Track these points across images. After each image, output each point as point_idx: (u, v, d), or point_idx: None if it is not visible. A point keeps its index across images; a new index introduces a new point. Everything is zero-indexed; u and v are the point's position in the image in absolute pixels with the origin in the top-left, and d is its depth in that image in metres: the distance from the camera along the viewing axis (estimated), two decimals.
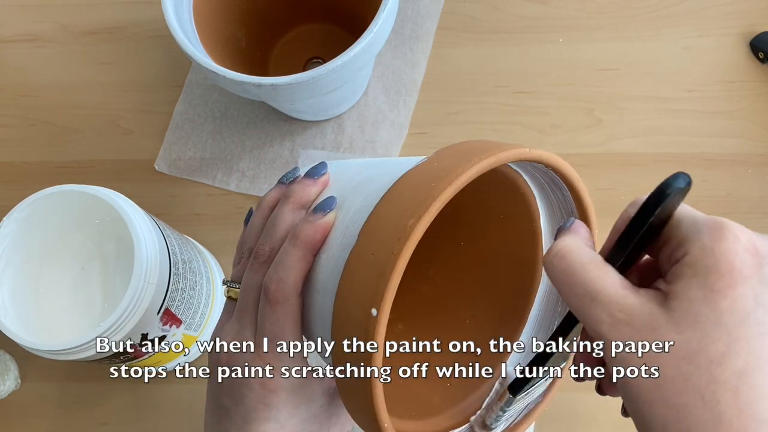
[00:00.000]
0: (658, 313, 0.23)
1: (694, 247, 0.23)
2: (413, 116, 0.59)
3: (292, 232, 0.31)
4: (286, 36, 0.61)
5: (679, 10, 0.60)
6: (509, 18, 0.61)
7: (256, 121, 0.60)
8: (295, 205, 0.33)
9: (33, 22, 0.65)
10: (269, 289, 0.30)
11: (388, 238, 0.26)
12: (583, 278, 0.24)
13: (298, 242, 0.30)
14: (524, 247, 0.36)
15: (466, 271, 0.39)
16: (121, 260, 0.49)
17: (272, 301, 0.30)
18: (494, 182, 0.35)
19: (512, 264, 0.37)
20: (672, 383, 0.22)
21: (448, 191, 0.25)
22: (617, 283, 0.24)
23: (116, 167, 0.60)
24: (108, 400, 0.54)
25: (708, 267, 0.22)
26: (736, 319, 0.21)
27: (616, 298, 0.23)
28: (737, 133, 0.57)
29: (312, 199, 0.33)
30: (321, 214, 0.31)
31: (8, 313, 0.43)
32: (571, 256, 0.25)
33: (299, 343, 0.30)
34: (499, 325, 0.37)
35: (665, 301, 0.23)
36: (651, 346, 0.22)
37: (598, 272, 0.24)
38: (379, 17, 0.45)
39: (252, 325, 0.32)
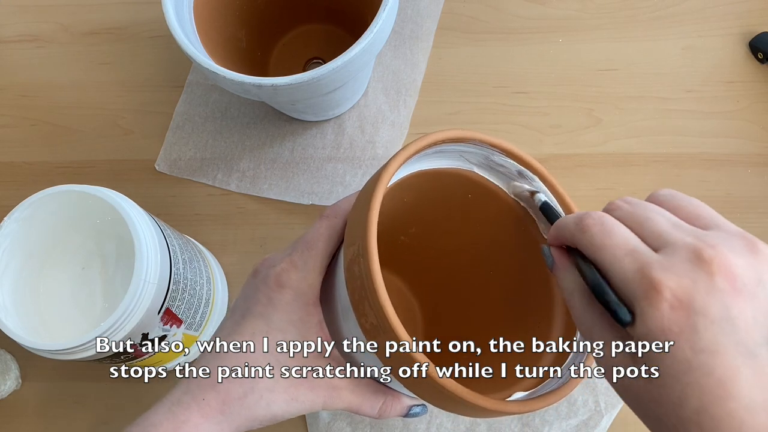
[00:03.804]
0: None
1: (635, 307, 0.25)
2: (413, 116, 0.59)
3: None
4: (286, 36, 0.61)
5: (679, 10, 0.60)
6: (509, 18, 0.61)
7: (257, 121, 0.60)
8: None
9: (33, 22, 0.65)
10: (325, 211, 0.35)
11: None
12: (584, 321, 0.27)
13: (351, 193, 0.36)
14: (532, 251, 0.37)
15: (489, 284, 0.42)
16: (122, 260, 0.49)
17: (323, 216, 0.35)
18: (489, 203, 0.37)
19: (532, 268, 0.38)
20: (654, 421, 0.25)
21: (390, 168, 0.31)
22: (608, 328, 0.26)
23: (116, 167, 0.60)
24: (108, 400, 0.54)
25: (648, 332, 0.24)
26: (681, 369, 0.24)
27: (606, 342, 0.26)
28: (737, 133, 0.57)
29: None
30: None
31: (9, 312, 0.43)
32: (573, 297, 0.28)
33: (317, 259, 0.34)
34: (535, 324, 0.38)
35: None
36: (651, 346, 0.23)
37: (592, 317, 0.27)
38: (379, 17, 0.45)
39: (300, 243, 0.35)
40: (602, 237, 0.27)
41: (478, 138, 0.34)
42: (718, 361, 0.23)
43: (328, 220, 0.35)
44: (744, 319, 0.24)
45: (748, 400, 0.23)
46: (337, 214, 0.35)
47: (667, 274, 0.24)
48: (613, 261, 0.26)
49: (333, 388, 0.33)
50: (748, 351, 0.23)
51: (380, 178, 0.31)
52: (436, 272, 0.45)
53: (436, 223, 0.41)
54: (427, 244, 0.43)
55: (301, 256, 0.34)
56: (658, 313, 0.24)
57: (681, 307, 0.24)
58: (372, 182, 0.32)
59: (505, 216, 0.38)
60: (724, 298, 0.24)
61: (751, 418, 0.23)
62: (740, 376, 0.23)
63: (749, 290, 0.24)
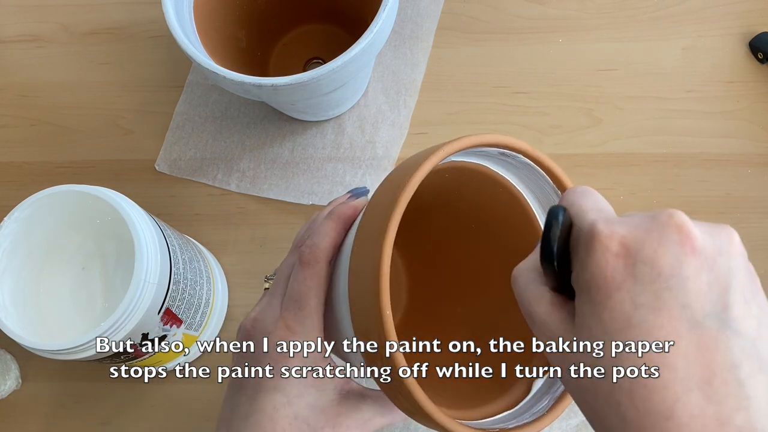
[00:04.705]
0: (569, 330, 0.24)
1: (575, 262, 0.24)
2: (413, 116, 0.59)
3: (329, 211, 0.35)
4: (286, 36, 0.61)
5: (679, 10, 0.60)
6: (509, 18, 0.61)
7: (257, 121, 0.60)
8: (334, 206, 0.36)
9: (33, 22, 0.65)
10: (303, 253, 0.33)
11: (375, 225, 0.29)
12: (525, 300, 0.26)
13: (331, 215, 0.34)
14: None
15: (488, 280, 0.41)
16: (122, 260, 0.49)
17: (303, 263, 0.33)
18: (491, 192, 0.36)
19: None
20: (586, 392, 0.23)
21: (413, 181, 0.29)
22: (547, 301, 0.25)
23: (116, 167, 0.60)
24: (108, 400, 0.54)
25: (586, 282, 0.23)
26: (618, 327, 0.22)
27: (544, 318, 0.25)
28: (737, 133, 0.57)
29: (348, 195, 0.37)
30: (354, 197, 0.35)
31: (9, 312, 0.43)
32: (518, 281, 0.27)
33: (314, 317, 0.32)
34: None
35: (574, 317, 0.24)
36: (651, 346, 0.22)
37: (533, 294, 0.26)
38: (379, 17, 0.45)
39: (281, 296, 0.34)
40: (580, 196, 0.26)
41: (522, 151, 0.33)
42: (659, 320, 0.21)
43: (311, 268, 0.32)
44: (696, 283, 0.22)
45: (684, 373, 0.21)
46: (318, 259, 0.33)
47: (619, 225, 0.23)
48: (578, 214, 0.25)
49: (364, 421, 0.33)
50: (694, 319, 0.21)
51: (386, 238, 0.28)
52: (435, 258, 0.45)
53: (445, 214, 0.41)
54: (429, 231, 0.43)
55: (295, 317, 0.32)
56: (602, 259, 0.22)
57: (626, 255, 0.22)
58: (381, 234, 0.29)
59: (515, 213, 0.37)
60: (678, 253, 0.22)
61: (686, 395, 0.21)
62: (681, 343, 0.21)
63: (708, 256, 0.22)
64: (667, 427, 0.21)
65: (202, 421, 0.53)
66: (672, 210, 0.23)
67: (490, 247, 0.41)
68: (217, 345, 0.33)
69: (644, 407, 0.21)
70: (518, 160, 0.34)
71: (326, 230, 0.33)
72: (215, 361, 0.48)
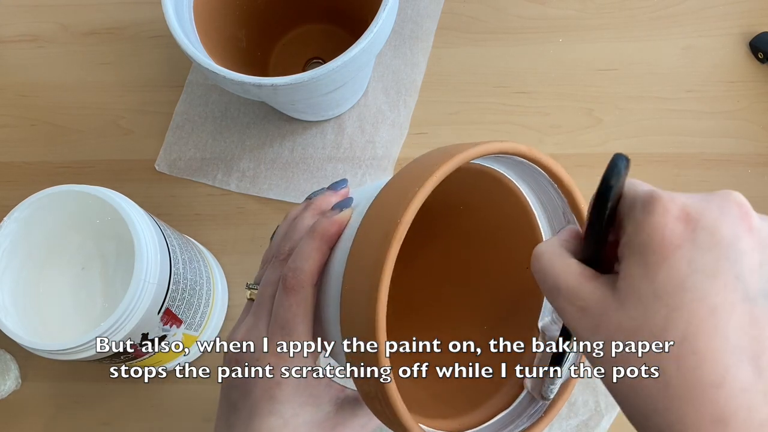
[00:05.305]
0: (608, 296, 0.23)
1: (629, 225, 0.23)
2: (413, 116, 0.59)
3: (311, 227, 0.33)
4: (286, 36, 0.61)
5: (679, 10, 0.60)
6: (509, 18, 0.61)
7: (256, 121, 0.60)
8: (315, 211, 0.35)
9: (33, 22, 0.65)
10: (286, 278, 0.32)
11: (378, 237, 0.27)
12: (551, 273, 0.25)
13: (314, 234, 0.32)
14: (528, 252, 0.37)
15: (482, 281, 0.41)
16: (122, 260, 0.49)
17: (288, 288, 0.31)
18: (493, 193, 0.36)
19: (522, 270, 0.38)
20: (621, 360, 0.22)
21: (426, 187, 0.27)
22: (577, 273, 0.24)
23: (116, 167, 0.60)
24: (108, 400, 0.54)
25: (642, 243, 0.22)
26: (671, 289, 0.21)
27: (574, 288, 0.24)
28: (737, 133, 0.57)
29: (331, 207, 0.35)
30: (337, 211, 0.33)
31: (9, 312, 0.43)
32: (543, 256, 0.26)
33: (304, 342, 0.31)
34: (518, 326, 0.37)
35: (615, 283, 0.23)
36: (651, 346, 0.22)
37: (561, 266, 0.25)
38: (379, 17, 0.45)
39: (267, 317, 0.33)
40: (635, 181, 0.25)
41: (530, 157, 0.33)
42: (715, 287, 0.21)
43: (297, 294, 0.31)
44: (751, 260, 0.21)
45: (736, 343, 0.20)
46: (303, 284, 0.31)
47: (679, 194, 0.23)
48: (632, 185, 0.24)
49: (362, 426, 0.33)
50: (747, 293, 0.21)
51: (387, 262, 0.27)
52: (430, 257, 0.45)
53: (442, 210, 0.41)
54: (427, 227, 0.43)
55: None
56: (661, 220, 0.22)
57: (687, 220, 0.22)
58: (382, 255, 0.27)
59: (515, 213, 0.37)
60: (737, 227, 0.22)
61: (736, 366, 0.20)
62: (734, 314, 0.21)
63: (762, 237, 0.22)
64: (716, 396, 0.20)
65: (202, 421, 0.53)
66: (730, 190, 0.23)
67: (487, 244, 0.40)
68: (217, 345, 0.33)
69: (693, 375, 0.20)
70: (516, 159, 0.34)
71: (309, 252, 0.32)
72: (215, 361, 0.48)
